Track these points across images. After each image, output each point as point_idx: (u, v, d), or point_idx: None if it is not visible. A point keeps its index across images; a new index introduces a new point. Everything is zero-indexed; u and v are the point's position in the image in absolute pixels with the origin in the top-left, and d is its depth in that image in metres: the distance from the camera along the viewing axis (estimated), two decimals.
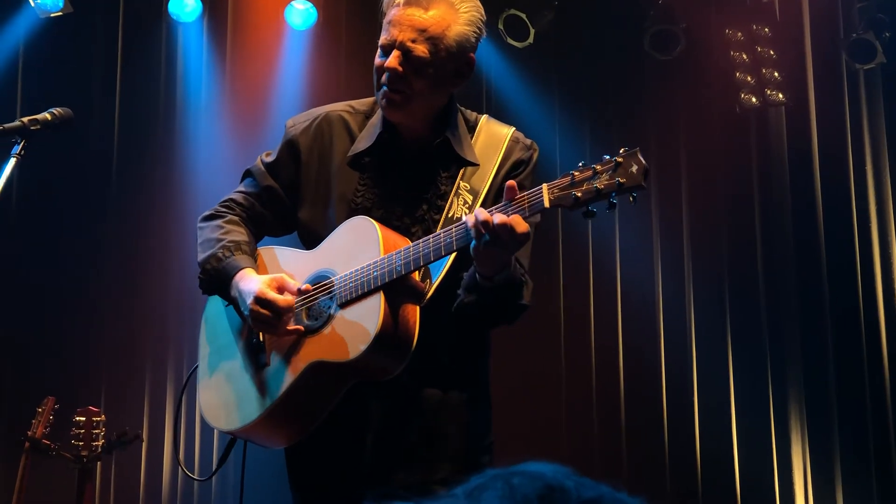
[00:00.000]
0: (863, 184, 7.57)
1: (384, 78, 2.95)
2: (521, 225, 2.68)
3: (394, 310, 2.85)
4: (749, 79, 7.67)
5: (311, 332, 2.95)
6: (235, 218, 3.15)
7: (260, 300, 2.90)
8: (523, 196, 2.71)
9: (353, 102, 3.21)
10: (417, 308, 2.89)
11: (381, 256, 2.86)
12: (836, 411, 7.39)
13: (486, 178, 3.01)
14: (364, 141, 3.08)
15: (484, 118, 3.15)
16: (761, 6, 7.83)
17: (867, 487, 7.23)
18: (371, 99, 3.15)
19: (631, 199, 2.68)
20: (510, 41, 7.45)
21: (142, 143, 7.13)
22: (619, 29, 7.78)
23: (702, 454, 7.46)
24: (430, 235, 2.85)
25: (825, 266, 7.54)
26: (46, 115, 3.26)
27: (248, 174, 3.24)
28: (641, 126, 7.67)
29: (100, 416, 4.97)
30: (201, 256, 3.08)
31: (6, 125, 3.19)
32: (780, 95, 7.67)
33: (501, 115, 7.43)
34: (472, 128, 3.11)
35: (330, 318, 2.92)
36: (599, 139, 7.68)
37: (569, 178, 2.69)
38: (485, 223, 2.67)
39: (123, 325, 6.89)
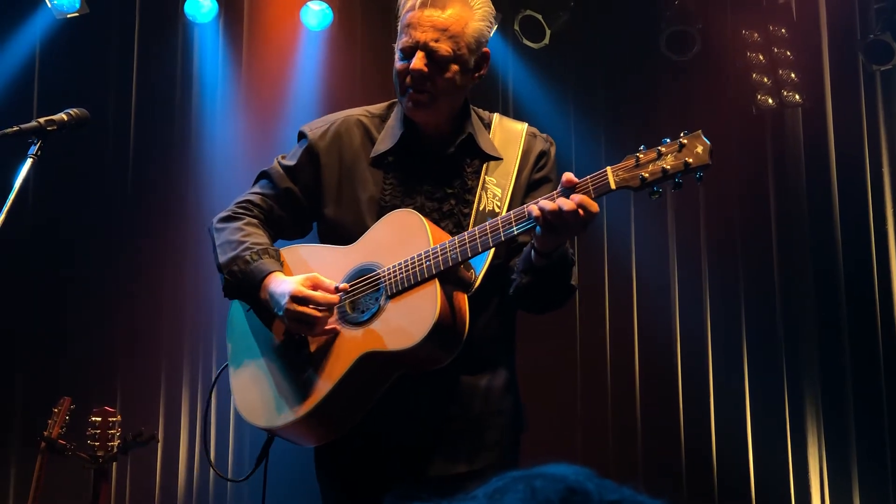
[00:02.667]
0: (879, 185, 7.54)
1: (408, 80, 3.00)
2: (592, 204, 2.73)
3: (448, 298, 2.87)
4: (765, 80, 7.64)
5: (358, 324, 2.93)
6: (254, 220, 3.13)
7: (297, 298, 2.89)
8: (586, 180, 2.76)
9: (367, 107, 3.24)
10: (466, 297, 2.92)
11: (432, 246, 2.88)
12: (852, 410, 7.38)
13: (510, 172, 3.07)
14: (385, 141, 3.11)
15: (496, 116, 3.22)
16: (778, 7, 7.80)
17: (883, 487, 7.21)
18: (385, 103, 3.21)
19: (697, 178, 2.74)
20: (526, 42, 7.44)
21: (158, 143, 7.15)
22: (635, 30, 7.76)
23: (717, 455, 7.44)
24: (487, 223, 2.88)
25: (841, 265, 7.53)
26: (63, 116, 3.26)
27: (264, 175, 3.23)
28: (657, 127, 7.64)
29: (115, 417, 4.95)
30: (224, 258, 3.04)
31: (23, 126, 3.19)
32: (797, 97, 7.65)
33: (517, 116, 7.39)
34: (486, 125, 3.17)
35: (379, 309, 2.91)
36: (614, 140, 7.67)
37: (633, 159, 2.75)
38: (552, 213, 2.72)
39: (139, 325, 6.90)
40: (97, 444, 4.88)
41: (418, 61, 2.96)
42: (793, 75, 7.65)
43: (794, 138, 7.83)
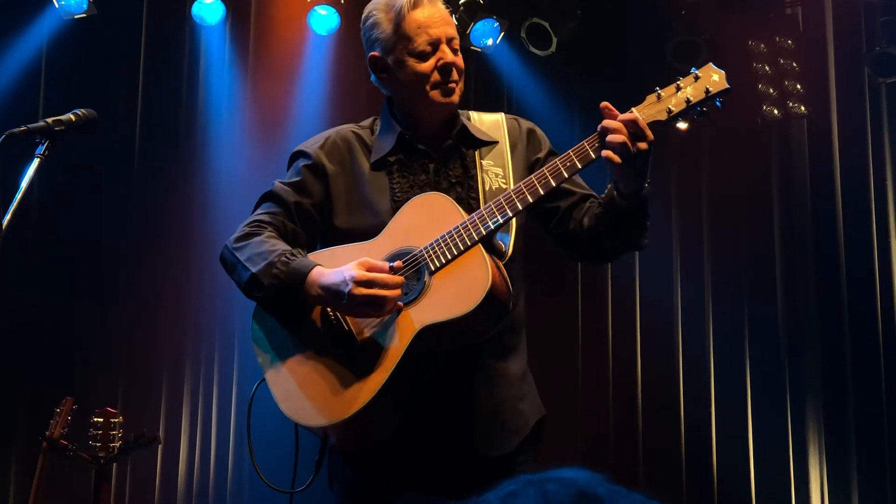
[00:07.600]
0: (883, 198, 7.54)
1: (437, 75, 3.08)
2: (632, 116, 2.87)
3: (494, 262, 2.88)
4: (771, 91, 7.64)
5: (406, 305, 2.90)
6: (273, 234, 3.08)
7: (361, 282, 2.84)
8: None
9: (353, 123, 3.31)
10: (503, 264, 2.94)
11: (467, 217, 2.90)
12: (853, 419, 7.39)
13: (503, 152, 3.15)
14: (382, 146, 3.17)
15: (471, 112, 3.29)
16: (784, 18, 7.81)
17: (883, 498, 7.20)
18: (369, 118, 3.29)
19: (718, 104, 2.91)
20: (532, 49, 7.45)
21: (164, 145, 7.15)
22: (642, 39, 7.76)
23: (718, 464, 7.45)
24: (531, 176, 2.93)
25: (845, 277, 7.53)
26: (71, 117, 3.25)
27: (268, 197, 3.20)
28: (662, 137, 7.61)
29: (117, 418, 4.95)
30: (257, 268, 2.96)
31: (31, 125, 3.18)
32: (803, 108, 7.65)
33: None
34: (468, 119, 3.24)
35: (425, 286, 2.89)
36: None
37: (654, 96, 2.93)
38: (621, 126, 2.83)
39: (142, 326, 6.90)
40: (99, 444, 4.88)
41: (451, 53, 3.09)
42: (798, 86, 7.65)
43: (799, 149, 7.83)
